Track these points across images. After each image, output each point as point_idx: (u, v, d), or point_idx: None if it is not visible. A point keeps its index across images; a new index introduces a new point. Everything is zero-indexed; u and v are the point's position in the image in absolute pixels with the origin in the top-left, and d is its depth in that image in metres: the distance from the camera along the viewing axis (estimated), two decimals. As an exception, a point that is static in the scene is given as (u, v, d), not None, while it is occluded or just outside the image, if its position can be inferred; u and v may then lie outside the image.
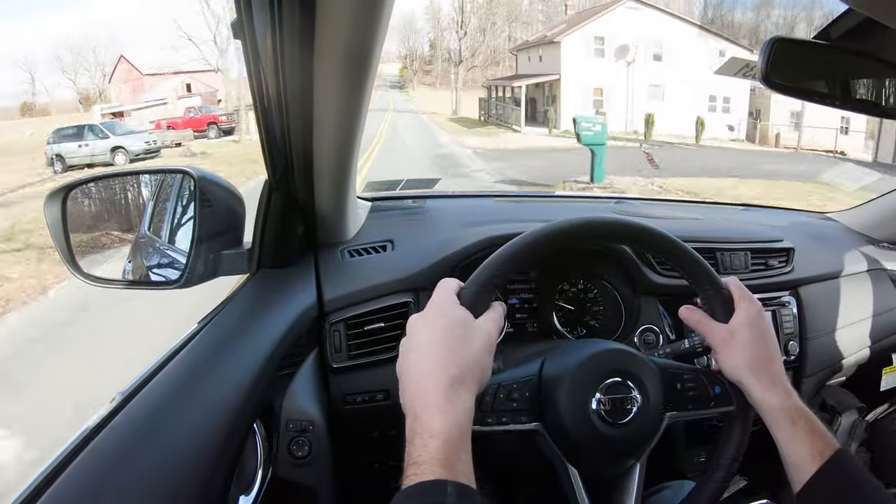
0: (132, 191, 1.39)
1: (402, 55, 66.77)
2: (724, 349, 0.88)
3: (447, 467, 0.64)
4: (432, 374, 0.71)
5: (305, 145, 1.00)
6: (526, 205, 2.13)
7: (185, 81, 36.68)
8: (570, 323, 1.43)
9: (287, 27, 0.76)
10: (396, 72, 65.26)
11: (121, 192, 1.39)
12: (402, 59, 66.86)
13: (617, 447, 0.85)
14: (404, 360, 0.76)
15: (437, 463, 0.64)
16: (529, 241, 0.85)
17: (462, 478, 0.64)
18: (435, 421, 0.67)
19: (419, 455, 0.65)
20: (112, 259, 1.34)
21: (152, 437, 0.82)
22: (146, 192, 1.38)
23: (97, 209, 1.33)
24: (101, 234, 1.33)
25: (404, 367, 0.76)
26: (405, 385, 0.75)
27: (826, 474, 0.77)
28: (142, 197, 1.38)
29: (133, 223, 1.38)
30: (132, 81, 39.06)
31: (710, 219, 1.94)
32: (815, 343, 1.58)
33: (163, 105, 32.07)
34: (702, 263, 0.92)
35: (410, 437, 0.68)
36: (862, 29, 0.90)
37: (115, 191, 1.38)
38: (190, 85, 36.94)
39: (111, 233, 1.35)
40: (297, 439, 1.10)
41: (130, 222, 1.38)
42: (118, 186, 1.39)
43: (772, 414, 0.83)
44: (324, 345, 1.20)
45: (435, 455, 0.65)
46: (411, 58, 66.11)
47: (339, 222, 1.32)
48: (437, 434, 0.66)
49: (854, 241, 1.90)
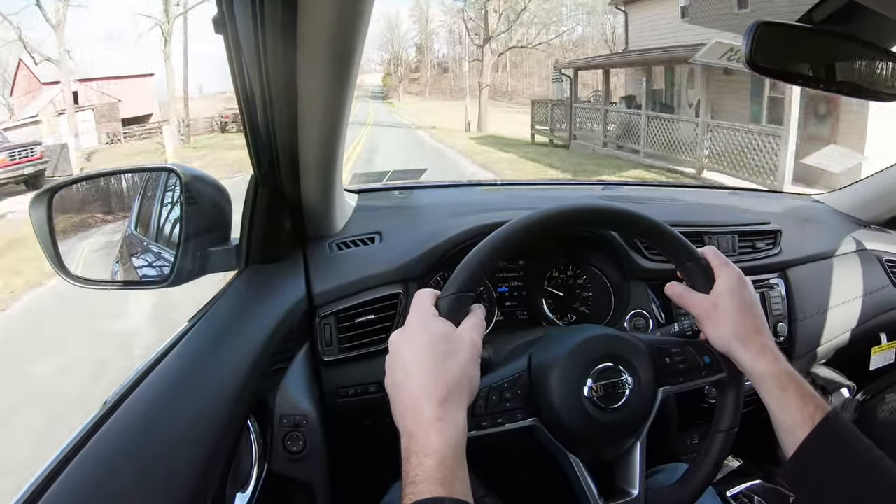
0: (118, 189, 1.39)
1: (384, 60, 57.81)
2: (709, 320, 0.89)
3: (444, 485, 0.65)
4: (422, 394, 0.71)
5: (291, 139, 0.99)
6: (513, 193, 2.13)
7: (66, 90, 22.94)
8: (559, 310, 1.44)
9: (269, 20, 0.75)
10: (378, 81, 57.06)
11: (107, 191, 1.38)
12: (385, 65, 57.59)
13: (614, 431, 0.86)
14: (391, 378, 0.76)
15: (434, 482, 0.65)
16: (499, 242, 0.85)
17: (459, 494, 0.65)
18: (429, 439, 0.68)
19: (416, 474, 0.66)
20: (99, 259, 1.34)
21: (147, 439, 0.82)
22: (132, 191, 1.37)
23: (84, 209, 1.32)
24: (87, 234, 1.32)
25: (392, 384, 0.76)
26: (395, 402, 0.75)
27: (818, 437, 0.78)
28: (128, 196, 1.37)
29: (120, 222, 1.38)
30: (32, 92, 26.90)
31: (698, 202, 1.95)
32: (804, 324, 1.59)
33: (35, 124, 22.00)
34: (675, 236, 0.93)
35: (406, 455, 0.69)
36: (845, 11, 0.90)
37: (101, 190, 1.37)
38: (77, 94, 23.93)
39: (98, 232, 1.34)
40: (292, 434, 1.10)
41: (117, 221, 1.38)
42: (104, 186, 1.38)
43: (762, 380, 0.84)
44: (315, 338, 1.20)
45: (431, 474, 0.65)
46: (395, 63, 57.48)
47: (327, 215, 1.31)
48: (433, 453, 0.67)
49: (841, 223, 1.92)
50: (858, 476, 0.76)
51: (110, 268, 1.36)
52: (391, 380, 0.76)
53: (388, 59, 58.17)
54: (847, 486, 0.76)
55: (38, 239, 1.13)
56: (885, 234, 1.92)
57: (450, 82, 50.71)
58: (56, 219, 1.15)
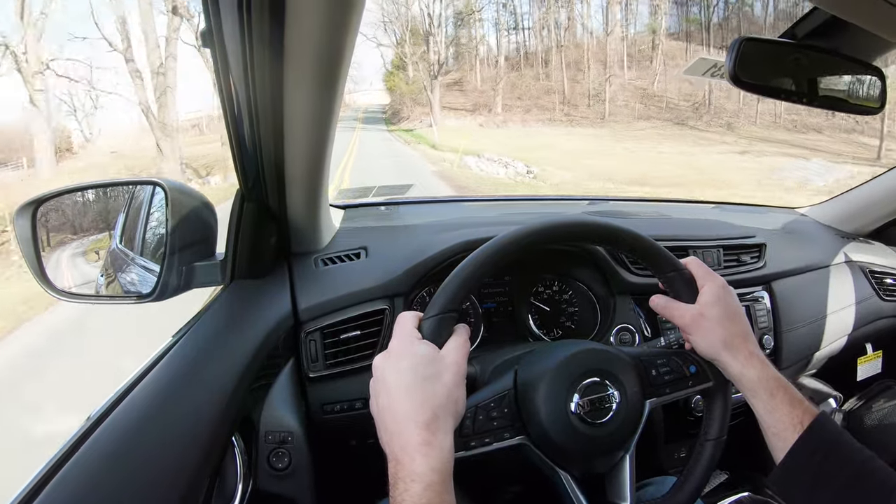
0: (103, 203, 1.38)
1: (396, 41, 33.76)
2: (696, 329, 0.89)
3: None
4: (406, 418, 0.71)
5: (277, 154, 0.99)
6: (499, 208, 2.14)
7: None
8: (545, 325, 1.44)
9: (256, 34, 0.75)
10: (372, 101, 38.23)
11: (92, 204, 1.37)
12: (395, 47, 33.97)
13: (603, 445, 0.85)
14: (376, 402, 0.76)
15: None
16: (483, 258, 0.84)
17: None
18: (415, 464, 0.68)
19: (402, 500, 0.66)
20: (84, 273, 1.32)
21: (129, 456, 0.81)
22: (117, 205, 1.36)
23: (68, 222, 1.31)
24: (72, 247, 1.31)
25: (377, 408, 0.76)
26: (381, 426, 0.75)
27: (808, 440, 0.79)
28: (113, 209, 1.36)
29: (105, 236, 1.37)
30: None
31: (683, 217, 1.96)
32: (790, 336, 1.60)
33: None
34: (658, 248, 0.93)
35: (393, 480, 0.69)
36: (827, 27, 0.91)
37: (86, 203, 1.36)
38: None
39: (82, 246, 1.33)
40: (277, 451, 1.09)
41: (102, 235, 1.37)
42: (89, 199, 1.37)
43: (751, 386, 0.85)
44: (300, 354, 1.19)
45: (417, 500, 0.65)
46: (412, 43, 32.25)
47: (313, 231, 1.30)
48: (419, 478, 0.67)
49: (826, 235, 1.94)
50: (849, 476, 0.77)
51: (95, 281, 1.35)
52: (376, 404, 0.76)
53: (396, 41, 33.29)
54: (838, 486, 0.77)
55: (22, 251, 1.12)
56: (869, 245, 1.95)
57: (566, 88, 29.25)
58: (40, 231, 1.14)
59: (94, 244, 1.35)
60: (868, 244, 1.95)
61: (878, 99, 1.00)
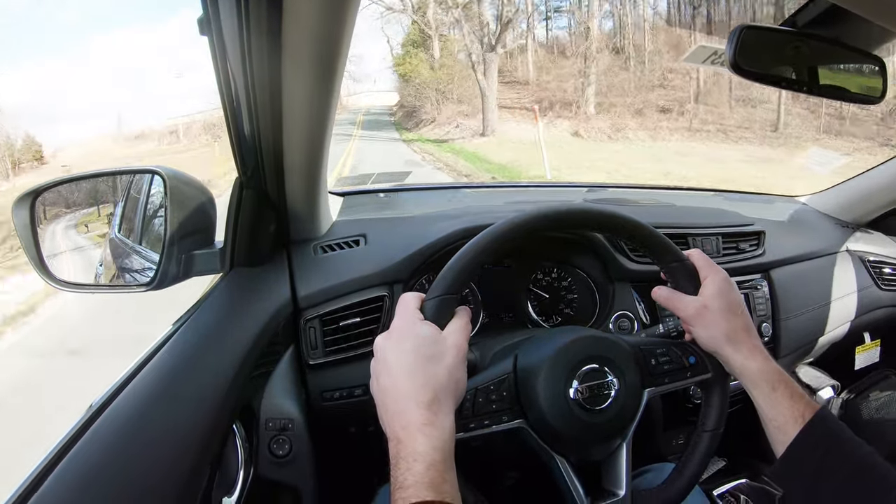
0: (103, 192, 1.37)
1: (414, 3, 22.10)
2: (699, 321, 0.89)
3: (433, 489, 0.65)
4: (408, 398, 0.71)
5: (275, 142, 0.99)
6: (499, 195, 2.13)
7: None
8: (545, 312, 1.44)
9: (254, 22, 0.75)
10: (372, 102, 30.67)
11: (91, 193, 1.37)
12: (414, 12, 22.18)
13: (601, 432, 0.86)
14: (377, 383, 0.76)
15: (424, 486, 0.65)
16: (484, 244, 0.84)
17: (449, 498, 0.65)
18: (417, 444, 0.68)
19: (405, 479, 0.66)
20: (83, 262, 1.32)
21: (131, 444, 0.82)
22: (116, 194, 1.36)
23: (68, 212, 1.31)
24: (71, 236, 1.31)
25: (378, 389, 0.76)
26: (382, 407, 0.75)
27: (809, 434, 0.79)
28: (112, 198, 1.36)
29: (104, 224, 1.36)
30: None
31: (682, 204, 1.96)
32: (788, 324, 1.60)
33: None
34: (660, 238, 0.93)
35: (395, 460, 0.69)
36: (828, 16, 0.91)
37: (85, 193, 1.36)
38: None
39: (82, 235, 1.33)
40: (277, 438, 1.10)
41: (101, 224, 1.36)
42: (88, 188, 1.36)
43: (752, 380, 0.85)
44: (300, 342, 1.20)
45: (420, 478, 0.65)
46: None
47: (312, 218, 1.30)
48: (421, 457, 0.67)
49: (825, 224, 1.94)
50: (850, 471, 0.77)
51: (94, 271, 1.35)
52: (377, 384, 0.76)
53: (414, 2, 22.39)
54: (839, 481, 0.77)
55: (21, 241, 1.11)
56: (868, 234, 1.95)
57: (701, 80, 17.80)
58: (39, 221, 1.14)
59: (84, 217, 1.34)
60: (867, 233, 1.95)
61: (878, 88, 1.00)
